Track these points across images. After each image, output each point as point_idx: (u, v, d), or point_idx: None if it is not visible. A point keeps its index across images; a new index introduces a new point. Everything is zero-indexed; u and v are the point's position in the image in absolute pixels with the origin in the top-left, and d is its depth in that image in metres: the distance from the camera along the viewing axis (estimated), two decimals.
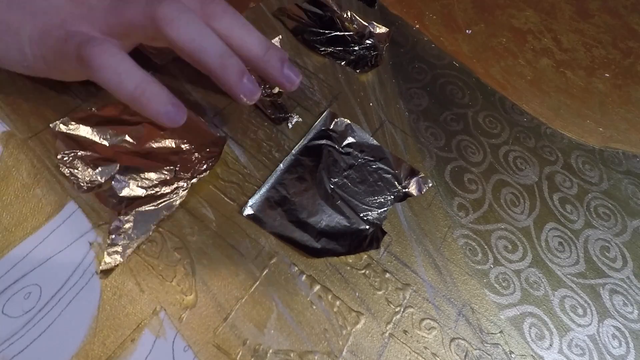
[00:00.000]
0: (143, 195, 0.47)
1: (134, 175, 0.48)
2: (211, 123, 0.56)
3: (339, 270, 0.49)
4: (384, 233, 0.54)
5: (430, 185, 0.60)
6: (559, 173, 0.70)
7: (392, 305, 0.48)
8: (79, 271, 0.41)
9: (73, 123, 0.50)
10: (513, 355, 0.49)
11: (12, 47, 0.39)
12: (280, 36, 0.56)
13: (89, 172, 0.47)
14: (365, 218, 0.54)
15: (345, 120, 0.63)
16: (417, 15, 0.85)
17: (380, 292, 0.49)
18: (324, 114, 0.63)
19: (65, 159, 0.47)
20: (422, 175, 0.60)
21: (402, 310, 0.48)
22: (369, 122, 0.65)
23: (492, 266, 0.55)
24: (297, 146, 0.58)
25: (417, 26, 0.83)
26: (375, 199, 0.57)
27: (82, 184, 0.46)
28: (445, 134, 0.68)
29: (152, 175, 0.50)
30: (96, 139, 0.50)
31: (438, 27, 0.85)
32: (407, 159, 0.62)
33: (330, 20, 0.79)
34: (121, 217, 0.45)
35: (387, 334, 0.46)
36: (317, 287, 0.47)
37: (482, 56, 0.83)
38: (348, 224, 0.53)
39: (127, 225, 0.45)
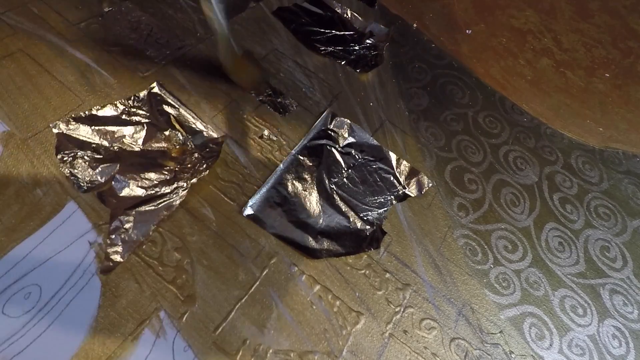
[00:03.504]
0: (143, 195, 0.48)
1: (134, 175, 0.48)
2: (211, 123, 0.56)
3: (339, 271, 0.49)
4: (384, 233, 0.54)
5: (430, 185, 0.60)
6: (559, 173, 0.70)
7: (392, 305, 0.48)
8: (79, 271, 0.41)
9: (73, 123, 0.50)
10: (513, 355, 0.49)
11: None
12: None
13: (89, 172, 0.47)
14: (365, 218, 0.54)
15: (346, 120, 0.63)
16: (417, 15, 0.85)
17: (380, 292, 0.49)
18: (324, 114, 0.63)
19: (65, 159, 0.48)
20: (422, 175, 0.60)
21: (402, 310, 0.48)
22: (369, 122, 0.65)
23: (492, 266, 0.55)
24: (297, 146, 0.58)
25: (417, 26, 0.83)
26: (376, 199, 0.57)
27: (82, 184, 0.46)
28: (445, 134, 0.68)
29: (152, 175, 0.50)
30: (96, 139, 0.50)
31: (438, 27, 0.85)
32: (407, 159, 0.62)
33: (330, 20, 0.79)
34: (121, 217, 0.45)
35: (387, 334, 0.46)
36: (317, 287, 0.47)
37: (482, 56, 0.83)
38: (348, 224, 0.53)
39: (127, 225, 0.45)
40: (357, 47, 0.74)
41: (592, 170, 0.72)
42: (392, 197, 0.57)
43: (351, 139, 0.61)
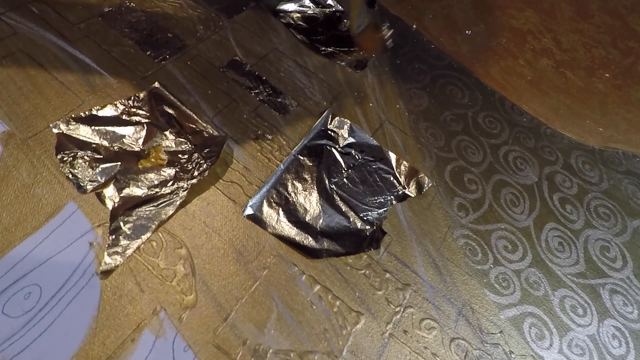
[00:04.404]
0: (143, 196, 0.47)
1: (134, 176, 0.48)
2: (211, 123, 0.56)
3: (339, 271, 0.49)
4: (384, 233, 0.54)
5: (430, 185, 0.60)
6: (559, 173, 0.70)
7: (392, 305, 0.48)
8: (79, 271, 0.41)
9: (73, 123, 0.50)
10: (513, 355, 0.49)
11: None
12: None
13: (89, 172, 0.47)
14: (365, 218, 0.55)
15: (346, 120, 0.63)
16: (417, 16, 0.85)
17: (380, 292, 0.49)
18: (324, 114, 0.63)
19: (65, 159, 0.48)
20: (422, 175, 0.60)
21: (402, 310, 0.48)
22: (369, 122, 0.65)
23: (492, 266, 0.55)
24: (297, 146, 0.58)
25: (417, 27, 0.83)
26: (375, 199, 0.57)
27: (82, 184, 0.46)
28: (445, 134, 0.68)
29: (152, 176, 0.50)
30: (96, 139, 0.50)
31: (438, 27, 0.85)
32: (407, 159, 0.62)
33: (330, 20, 0.79)
34: (121, 218, 0.45)
35: (387, 334, 0.46)
36: (317, 287, 0.47)
37: (481, 56, 0.83)
38: (348, 224, 0.54)
39: (127, 226, 0.45)
40: (357, 47, 0.75)
41: (592, 170, 0.72)
42: (392, 197, 0.57)
43: (351, 139, 0.61)
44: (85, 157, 0.47)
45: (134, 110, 0.54)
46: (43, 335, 0.37)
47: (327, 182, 0.56)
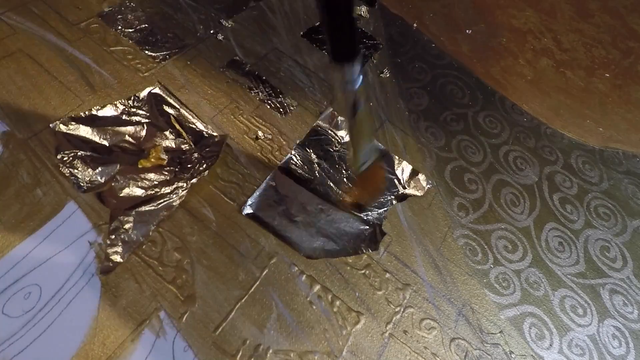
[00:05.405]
0: (143, 196, 0.47)
1: (134, 176, 0.48)
2: (211, 123, 0.56)
3: (339, 270, 0.49)
4: (383, 233, 0.54)
5: (430, 185, 0.60)
6: (559, 173, 0.70)
7: (392, 305, 0.48)
8: (79, 271, 0.41)
9: (73, 123, 0.50)
10: (513, 355, 0.49)
11: None
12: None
13: (89, 172, 0.47)
14: (365, 218, 0.54)
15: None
16: (417, 15, 0.85)
17: (380, 292, 0.49)
18: (324, 114, 0.63)
19: (65, 159, 0.48)
20: (422, 175, 0.60)
21: (402, 310, 0.48)
22: None
23: (492, 266, 0.55)
24: (297, 146, 0.58)
25: (418, 26, 0.83)
26: None
27: (82, 184, 0.46)
28: (446, 134, 0.68)
29: (152, 176, 0.50)
30: (96, 139, 0.50)
31: (438, 26, 0.85)
32: (407, 159, 0.62)
33: None
34: (121, 217, 0.45)
35: (387, 334, 0.46)
36: (317, 287, 0.47)
37: (482, 56, 0.83)
38: (348, 224, 0.54)
39: (127, 226, 0.45)
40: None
41: (592, 170, 0.72)
42: (392, 197, 0.57)
43: None
44: (85, 157, 0.47)
45: (134, 110, 0.54)
46: (43, 335, 0.37)
47: (326, 181, 0.56)
